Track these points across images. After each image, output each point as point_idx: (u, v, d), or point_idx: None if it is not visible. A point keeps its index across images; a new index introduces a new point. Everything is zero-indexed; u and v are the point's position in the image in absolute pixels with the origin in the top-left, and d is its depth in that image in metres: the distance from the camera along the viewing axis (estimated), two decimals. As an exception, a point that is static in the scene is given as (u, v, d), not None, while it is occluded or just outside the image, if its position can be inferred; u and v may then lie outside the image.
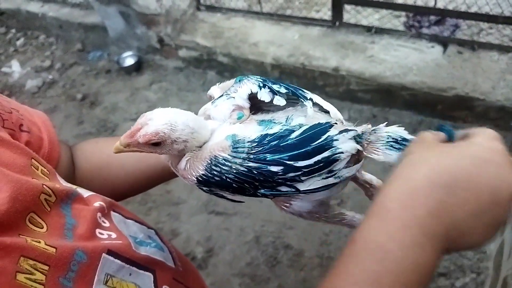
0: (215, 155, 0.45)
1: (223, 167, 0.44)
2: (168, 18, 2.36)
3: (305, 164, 0.43)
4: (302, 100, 0.48)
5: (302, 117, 0.47)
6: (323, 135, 0.44)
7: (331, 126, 0.45)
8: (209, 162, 0.45)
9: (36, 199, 0.42)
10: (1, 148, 0.45)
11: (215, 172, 0.44)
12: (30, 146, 0.54)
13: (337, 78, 2.06)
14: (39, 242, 0.39)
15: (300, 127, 0.44)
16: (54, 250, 0.39)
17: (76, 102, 2.51)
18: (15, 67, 2.86)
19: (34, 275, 0.37)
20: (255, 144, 0.44)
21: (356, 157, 0.47)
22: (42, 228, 0.42)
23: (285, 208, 0.49)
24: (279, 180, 0.44)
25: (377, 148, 0.46)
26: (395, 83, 1.92)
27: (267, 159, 0.43)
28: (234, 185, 0.45)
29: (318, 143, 0.43)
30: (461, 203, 0.37)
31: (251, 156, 0.43)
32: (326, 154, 0.43)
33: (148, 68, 2.57)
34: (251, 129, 0.46)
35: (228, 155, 0.44)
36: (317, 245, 1.70)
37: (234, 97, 0.49)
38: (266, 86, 0.49)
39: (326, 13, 2.25)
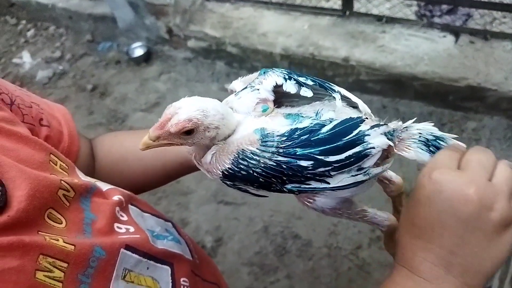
0: (242, 149, 0.44)
1: (251, 161, 0.43)
2: (177, 8, 2.36)
3: (336, 159, 0.42)
4: (330, 92, 0.47)
5: (332, 111, 0.46)
6: (355, 129, 0.43)
7: (363, 121, 0.44)
8: (236, 155, 0.44)
9: (54, 195, 0.43)
10: (19, 144, 0.45)
11: (242, 166, 0.43)
12: (50, 140, 0.54)
13: (347, 68, 2.05)
14: (58, 240, 0.39)
15: (331, 122, 0.44)
16: (72, 247, 0.40)
17: (86, 92, 2.53)
18: (26, 58, 2.89)
19: (53, 273, 0.37)
20: (284, 138, 0.43)
21: (386, 154, 0.46)
22: (61, 223, 0.42)
23: (308, 204, 0.48)
24: (308, 175, 0.43)
25: (408, 146, 0.45)
26: (406, 73, 1.90)
27: (297, 153, 0.42)
28: (260, 179, 0.44)
29: (350, 137, 0.43)
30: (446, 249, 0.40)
31: (281, 150, 0.42)
32: (357, 149, 0.43)
33: (157, 58, 2.57)
34: (279, 123, 0.45)
35: (257, 149, 0.43)
36: (326, 235, 1.70)
37: (258, 89, 0.48)
38: (292, 78, 0.48)
39: (336, 2, 2.22)
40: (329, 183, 0.44)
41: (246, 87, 0.49)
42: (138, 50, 2.56)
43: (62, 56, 2.80)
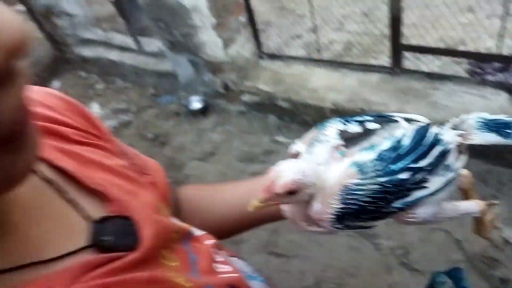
0: (345, 185, 0.46)
1: (357, 192, 0.46)
2: (233, 66, 2.55)
3: (427, 163, 0.46)
4: (391, 118, 0.52)
5: (399, 129, 0.50)
6: (429, 133, 0.47)
7: (430, 125, 0.49)
8: (342, 193, 0.46)
9: (169, 236, 0.45)
10: (141, 189, 0.49)
11: (350, 201, 0.46)
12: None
13: (398, 123, 2.08)
14: (179, 278, 0.41)
15: (405, 135, 0.48)
16: (191, 284, 0.41)
17: (148, 141, 2.74)
18: (95, 109, 3.20)
19: None
20: (378, 162, 0.46)
21: (459, 149, 0.50)
22: (175, 262, 0.44)
23: (411, 219, 0.50)
24: (410, 186, 0.46)
25: (473, 133, 0.49)
26: (458, 130, 1.90)
27: (394, 169, 0.45)
28: (370, 207, 0.46)
29: (429, 141, 0.47)
30: None
31: (379, 173, 0.45)
32: (439, 148, 0.47)
33: (213, 111, 2.75)
34: (362, 154, 0.48)
35: (358, 179, 0.46)
36: (379, 294, 1.68)
37: (328, 140, 0.51)
38: (351, 121, 0.51)
39: (384, 60, 2.30)
40: (427, 187, 0.47)
41: (313, 144, 0.52)
42: (196, 104, 2.76)
43: (128, 107, 3.07)
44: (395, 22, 2.08)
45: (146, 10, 2.53)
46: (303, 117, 2.41)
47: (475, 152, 1.80)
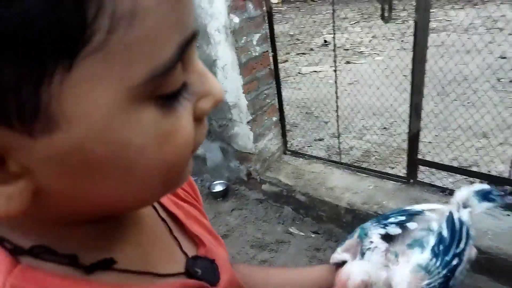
0: (421, 287, 0.55)
1: None
2: (259, 157, 2.76)
3: (463, 244, 0.57)
4: (417, 212, 0.62)
5: (433, 221, 0.60)
6: (455, 219, 0.58)
7: (452, 212, 0.60)
8: None
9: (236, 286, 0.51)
10: (218, 245, 0.54)
11: None
12: None
13: (409, 231, 2.12)
14: None
15: (442, 226, 0.59)
16: None
17: (166, 216, 2.85)
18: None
19: None
20: (434, 259, 0.56)
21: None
22: None
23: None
24: (459, 267, 0.56)
25: (476, 207, 0.60)
26: (469, 244, 1.92)
27: (448, 259, 0.56)
28: None
29: (458, 225, 0.58)
30: None
31: (440, 267, 0.55)
32: (465, 228, 0.58)
33: (233, 196, 2.89)
34: (418, 255, 0.57)
35: (428, 279, 0.55)
36: None
37: (377, 246, 0.59)
38: (388, 224, 0.61)
39: (400, 170, 2.45)
40: (464, 259, 0.57)
41: (364, 253, 0.61)
42: (218, 186, 2.91)
43: (155, 182, 3.27)
44: (413, 138, 2.28)
45: (191, 98, 2.87)
46: (318, 212, 2.49)
47: (483, 268, 1.83)
